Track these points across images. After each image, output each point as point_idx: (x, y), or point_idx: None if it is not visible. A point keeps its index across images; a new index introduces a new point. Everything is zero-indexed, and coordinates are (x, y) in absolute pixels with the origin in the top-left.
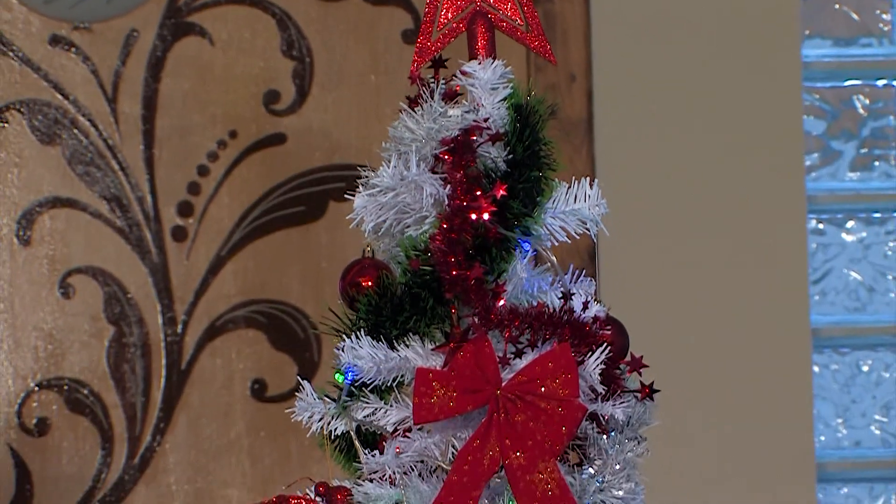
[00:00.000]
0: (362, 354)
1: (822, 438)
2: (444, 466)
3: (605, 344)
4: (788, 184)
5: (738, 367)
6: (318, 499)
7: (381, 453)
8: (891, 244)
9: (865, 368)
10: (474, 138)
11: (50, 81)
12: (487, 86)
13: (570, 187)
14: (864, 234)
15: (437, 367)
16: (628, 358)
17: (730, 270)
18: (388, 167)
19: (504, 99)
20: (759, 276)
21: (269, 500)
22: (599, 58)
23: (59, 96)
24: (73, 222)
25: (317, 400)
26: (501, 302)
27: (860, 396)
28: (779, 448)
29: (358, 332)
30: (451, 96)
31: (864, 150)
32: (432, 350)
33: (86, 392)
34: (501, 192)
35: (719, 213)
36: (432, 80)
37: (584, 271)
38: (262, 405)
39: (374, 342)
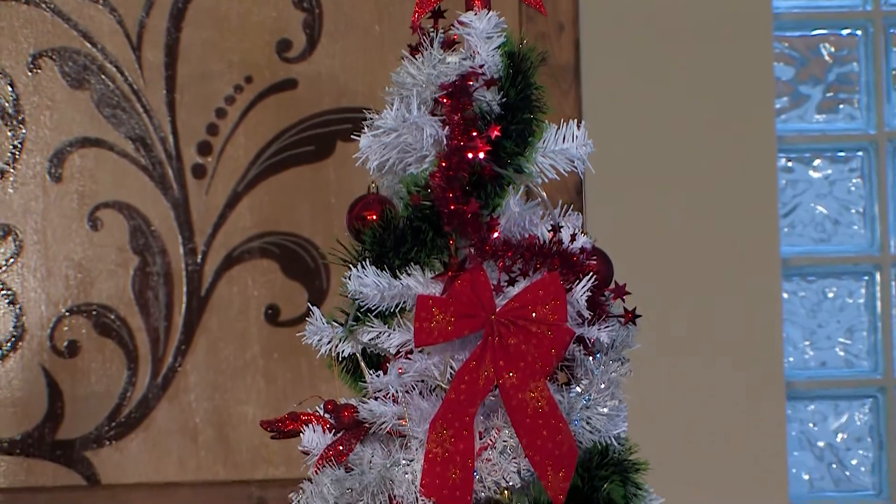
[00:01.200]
0: (367, 282)
1: (791, 359)
2: (443, 385)
3: (591, 273)
4: (760, 125)
5: (714, 294)
6: (326, 415)
7: (385, 374)
8: (854, 181)
9: (831, 295)
10: (471, 83)
11: (79, 31)
12: (483, 35)
13: (558, 129)
14: (829, 172)
15: (437, 295)
16: (613, 286)
17: (706, 205)
18: (392, 110)
19: (498, 47)
20: (732, 209)
21: (282, 416)
22: (586, 9)
23: (88, 45)
24: (101, 161)
25: (325, 324)
26: (496, 234)
27: (826, 321)
28: (751, 368)
29: (363, 262)
30: (449, 45)
31: (829, 94)
32: (432, 279)
33: (112, 317)
34: (496, 133)
35: (696, 152)
36: (432, 29)
37: (571, 206)
38: (276, 329)
39: (379, 271)
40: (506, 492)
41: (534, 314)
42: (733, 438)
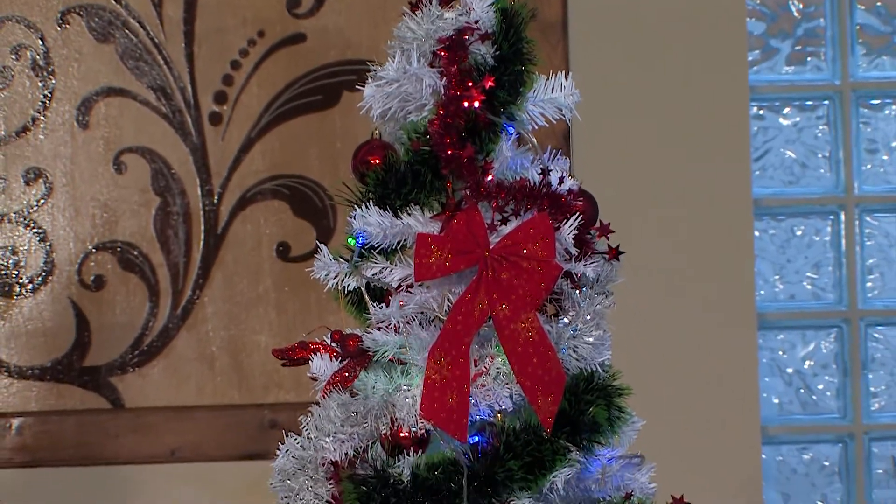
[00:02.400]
0: (371, 222)
1: (762, 292)
2: (441, 317)
3: (578, 213)
4: (733, 76)
5: (691, 232)
6: (333, 344)
7: (387, 306)
8: (820, 127)
9: (799, 233)
10: (466, 37)
11: None
12: None
13: (547, 79)
14: (797, 119)
15: (435, 233)
16: (598, 225)
17: (683, 150)
18: (393, 62)
19: (491, 4)
20: (708, 154)
21: (293, 345)
22: None
23: (113, 1)
24: (125, 109)
25: (332, 260)
26: (490, 177)
27: (794, 257)
28: (724, 300)
29: (367, 203)
30: (446, 1)
31: (798, 48)
32: (431, 218)
33: (136, 253)
34: (490, 84)
35: (674, 101)
36: None
37: (559, 151)
38: (286, 264)
39: (381, 211)
40: (499, 415)
41: (525, 251)
42: (709, 365)
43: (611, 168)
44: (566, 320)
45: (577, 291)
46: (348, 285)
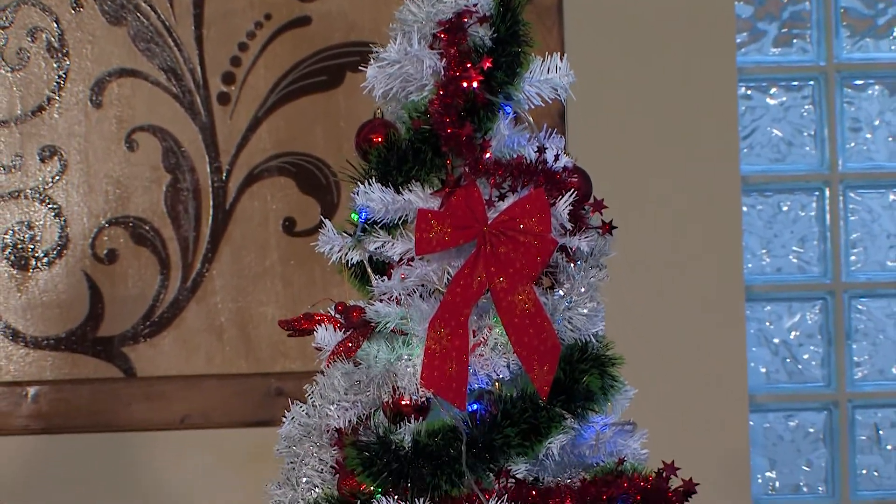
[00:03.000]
0: (373, 198)
1: (750, 266)
2: (441, 289)
3: (573, 189)
4: (722, 58)
5: (681, 207)
6: (337, 315)
7: (389, 279)
8: (806, 107)
9: (785, 208)
10: (465, 20)
11: None
12: None
13: (543, 61)
14: (784, 99)
15: (435, 208)
16: (591, 200)
17: (674, 129)
18: (395, 44)
19: None
20: (698, 132)
21: (298, 316)
22: None
23: None
24: (137, 89)
25: (336, 235)
26: (487, 154)
27: (781, 231)
28: (714, 272)
29: (370, 180)
30: None
31: (784, 30)
32: (431, 194)
33: (147, 228)
34: (488, 65)
35: (665, 81)
36: None
37: (555, 129)
38: (292, 239)
39: (383, 188)
40: (497, 383)
41: (521, 226)
42: (698, 336)
43: (604, 146)
44: (561, 292)
45: (572, 265)
46: (352, 259)
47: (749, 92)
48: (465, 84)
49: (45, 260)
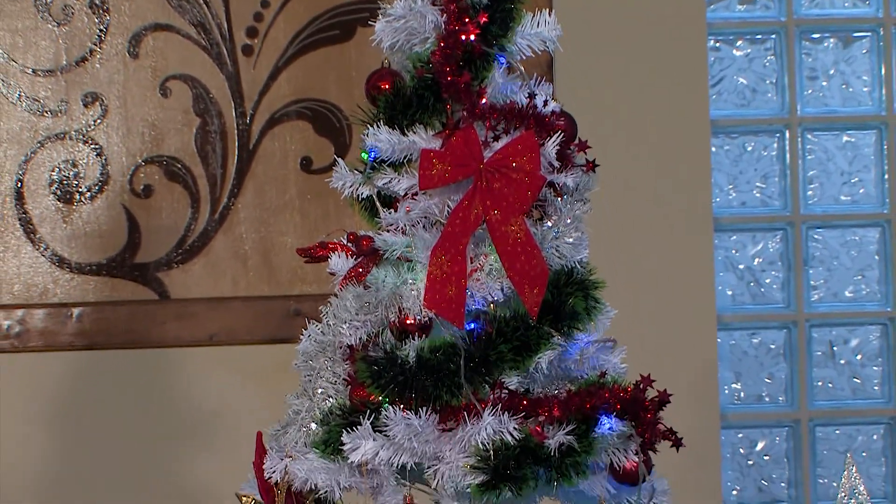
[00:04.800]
0: (381, 139)
1: (718, 200)
2: (442, 221)
3: (560, 131)
4: (693, 13)
5: (655, 147)
6: (349, 244)
7: (395, 211)
8: (768, 58)
9: (749, 148)
10: None
11: None
12: None
13: (534, 16)
14: (749, 51)
15: (437, 148)
16: (577, 141)
17: (649, 77)
18: (401, 1)
19: None
20: (671, 81)
21: (314, 245)
22: None
23: None
24: (170, 41)
25: (348, 172)
26: (483, 100)
27: (745, 169)
28: (684, 205)
29: (378, 123)
30: None
31: None
32: (433, 136)
33: (179, 166)
34: (484, 20)
35: (642, 34)
36: None
37: (544, 78)
38: (309, 176)
39: (390, 130)
40: (491, 305)
41: (514, 164)
42: (672, 262)
43: (588, 92)
44: (549, 223)
45: (559, 199)
46: (362, 194)
47: (717, 44)
48: (463, 37)
49: (88, 195)
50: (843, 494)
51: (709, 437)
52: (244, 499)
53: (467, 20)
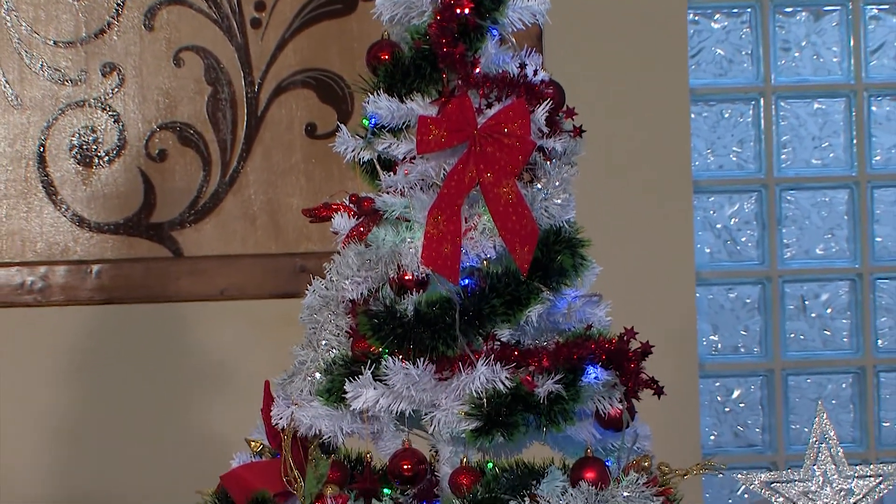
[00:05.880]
0: (381, 106)
1: (697, 163)
2: (438, 183)
3: (549, 99)
4: None
5: (638, 114)
6: (351, 205)
7: (395, 174)
8: (745, 30)
9: (727, 115)
10: None
11: None
12: None
13: None
14: (726, 23)
15: (433, 115)
16: (564, 108)
17: (633, 48)
18: None
19: None
20: (652, 52)
21: (318, 205)
22: None
23: None
24: (183, 15)
25: (350, 138)
26: (477, 70)
27: (723, 134)
28: (666, 169)
29: (378, 91)
30: None
31: None
32: (430, 103)
33: (192, 132)
34: None
35: (625, 8)
36: None
37: (534, 49)
38: (313, 141)
39: (390, 98)
40: (485, 262)
41: (506, 130)
42: (654, 221)
43: (575, 63)
44: (539, 186)
45: (548, 162)
46: (363, 158)
47: (697, 18)
48: (458, 10)
49: (107, 158)
50: (814, 439)
51: (688, 385)
52: (253, 444)
53: None
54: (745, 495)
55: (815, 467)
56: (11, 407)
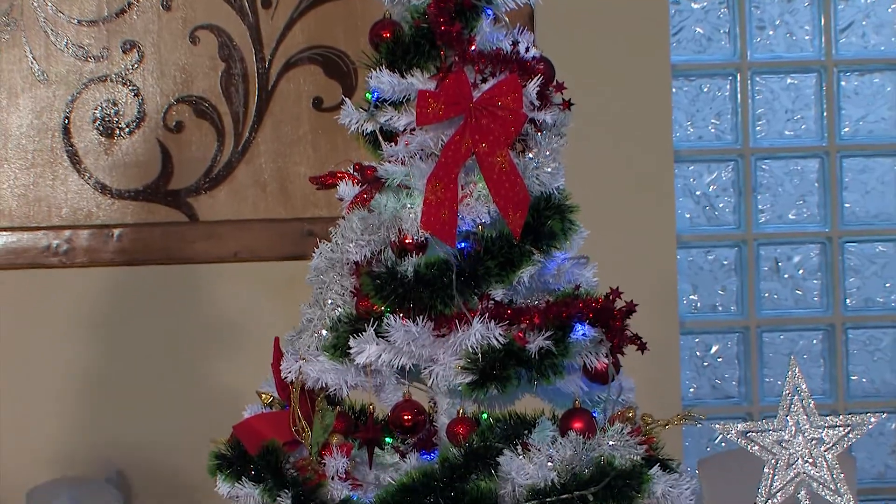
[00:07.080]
0: (383, 81)
1: (678, 134)
2: (437, 153)
3: (540, 74)
4: None
5: (621, 87)
6: (355, 173)
7: (396, 145)
8: (722, 10)
9: (706, 90)
10: None
11: None
12: None
13: None
14: (705, 3)
15: (432, 89)
16: (554, 83)
17: (618, 29)
18: None
19: None
20: (635, 31)
21: (325, 174)
22: None
23: None
24: None
25: (354, 110)
26: (473, 47)
27: (702, 108)
28: (647, 142)
29: (380, 67)
30: None
31: None
32: (429, 78)
33: (207, 105)
34: None
35: None
36: None
37: (526, 27)
38: (320, 114)
39: (391, 73)
40: (480, 226)
41: (499, 103)
42: (637, 189)
43: (564, 40)
44: (531, 155)
45: (539, 134)
46: (366, 129)
47: None
48: None
49: (127, 130)
50: (787, 392)
51: (669, 341)
52: (263, 396)
53: None
54: (723, 444)
55: (787, 418)
56: (39, 361)
